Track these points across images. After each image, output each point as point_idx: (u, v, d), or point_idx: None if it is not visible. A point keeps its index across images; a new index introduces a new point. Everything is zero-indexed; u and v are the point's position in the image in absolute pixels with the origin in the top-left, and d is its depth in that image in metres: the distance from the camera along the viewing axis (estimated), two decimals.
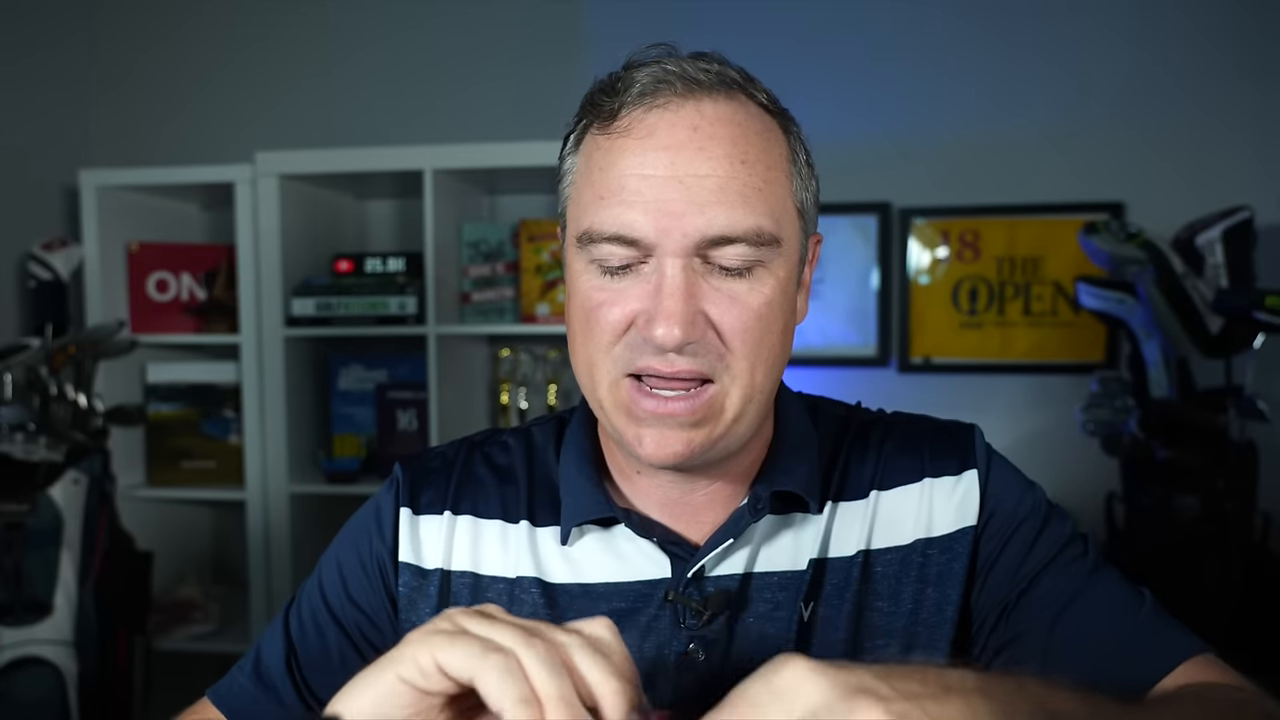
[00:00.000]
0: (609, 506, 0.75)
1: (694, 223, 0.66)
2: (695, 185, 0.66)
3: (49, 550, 1.74)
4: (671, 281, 0.66)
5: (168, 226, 2.54)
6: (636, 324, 0.68)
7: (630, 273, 0.68)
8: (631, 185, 0.67)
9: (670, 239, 0.66)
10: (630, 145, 0.68)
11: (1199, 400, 1.98)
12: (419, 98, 2.59)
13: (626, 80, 0.69)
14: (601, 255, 0.68)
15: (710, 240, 0.66)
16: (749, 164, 0.68)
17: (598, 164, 0.69)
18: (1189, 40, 2.32)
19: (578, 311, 0.71)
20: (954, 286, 2.45)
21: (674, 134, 0.67)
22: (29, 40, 2.49)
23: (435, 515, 0.81)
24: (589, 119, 0.72)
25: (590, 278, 0.70)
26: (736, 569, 0.75)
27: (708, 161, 0.66)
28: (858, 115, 2.44)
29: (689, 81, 0.68)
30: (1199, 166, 2.32)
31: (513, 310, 2.34)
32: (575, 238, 0.70)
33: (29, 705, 1.69)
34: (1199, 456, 1.89)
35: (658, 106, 0.68)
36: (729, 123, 0.68)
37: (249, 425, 2.30)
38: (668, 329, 0.65)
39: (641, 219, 0.66)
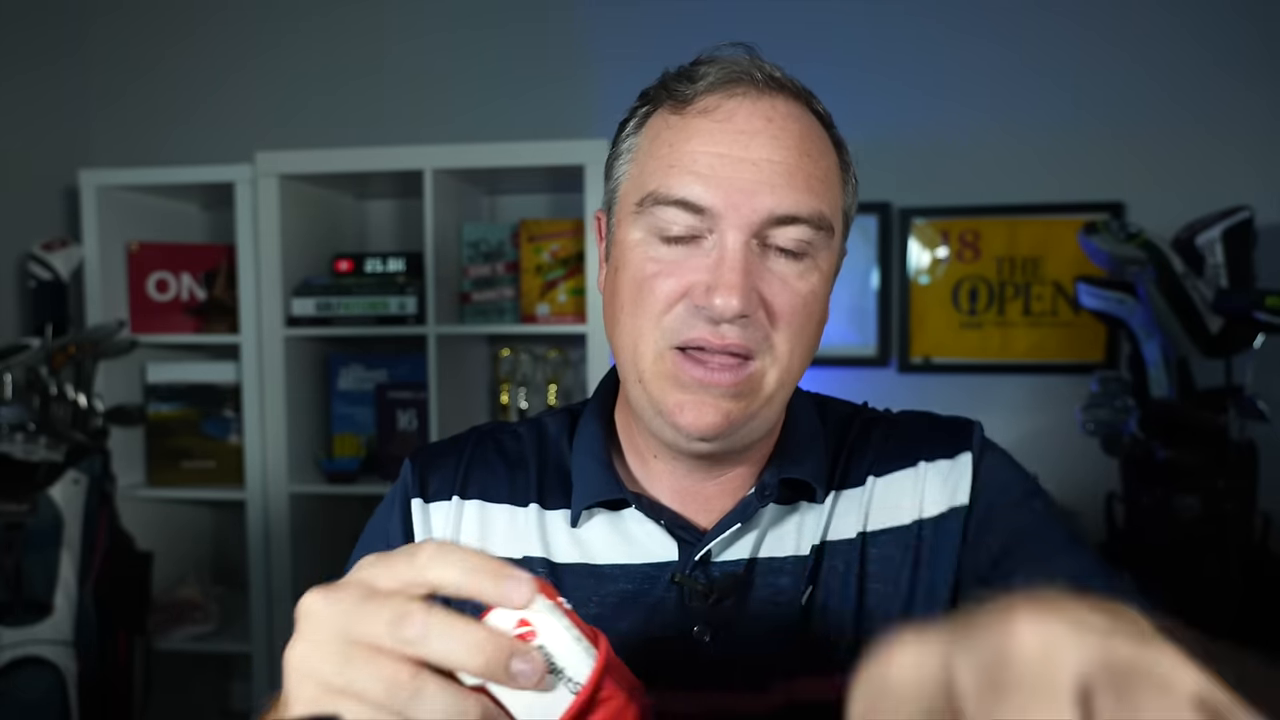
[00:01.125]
0: (619, 488, 0.77)
1: (763, 200, 0.69)
2: (767, 169, 0.69)
3: (49, 550, 1.74)
4: (733, 254, 0.68)
5: (168, 226, 2.54)
6: (692, 295, 0.69)
7: (689, 244, 0.70)
8: (704, 160, 0.69)
9: (738, 213, 0.68)
10: (707, 125, 0.71)
11: (1199, 400, 1.98)
12: (419, 98, 2.59)
13: (704, 70, 0.73)
14: (663, 221, 0.70)
15: (776, 218, 0.69)
16: (813, 158, 0.72)
17: (667, 140, 0.72)
18: (1189, 41, 2.32)
19: (628, 282, 0.72)
20: (954, 286, 2.45)
21: (751, 121, 0.70)
22: (29, 41, 2.49)
23: (444, 501, 0.82)
24: (657, 104, 0.75)
25: (646, 247, 0.71)
26: (742, 554, 0.76)
27: (779, 149, 0.70)
28: (857, 115, 2.43)
29: (766, 78, 0.73)
30: (1199, 166, 2.32)
31: (513, 310, 2.34)
32: (636, 202, 0.72)
33: (29, 705, 1.69)
34: (1199, 456, 1.89)
35: (737, 94, 0.71)
36: (798, 120, 0.73)
37: (249, 425, 2.30)
38: (726, 299, 0.67)
39: (712, 191, 0.69)
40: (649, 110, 0.76)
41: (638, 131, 0.76)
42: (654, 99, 0.76)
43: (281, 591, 2.29)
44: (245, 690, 2.54)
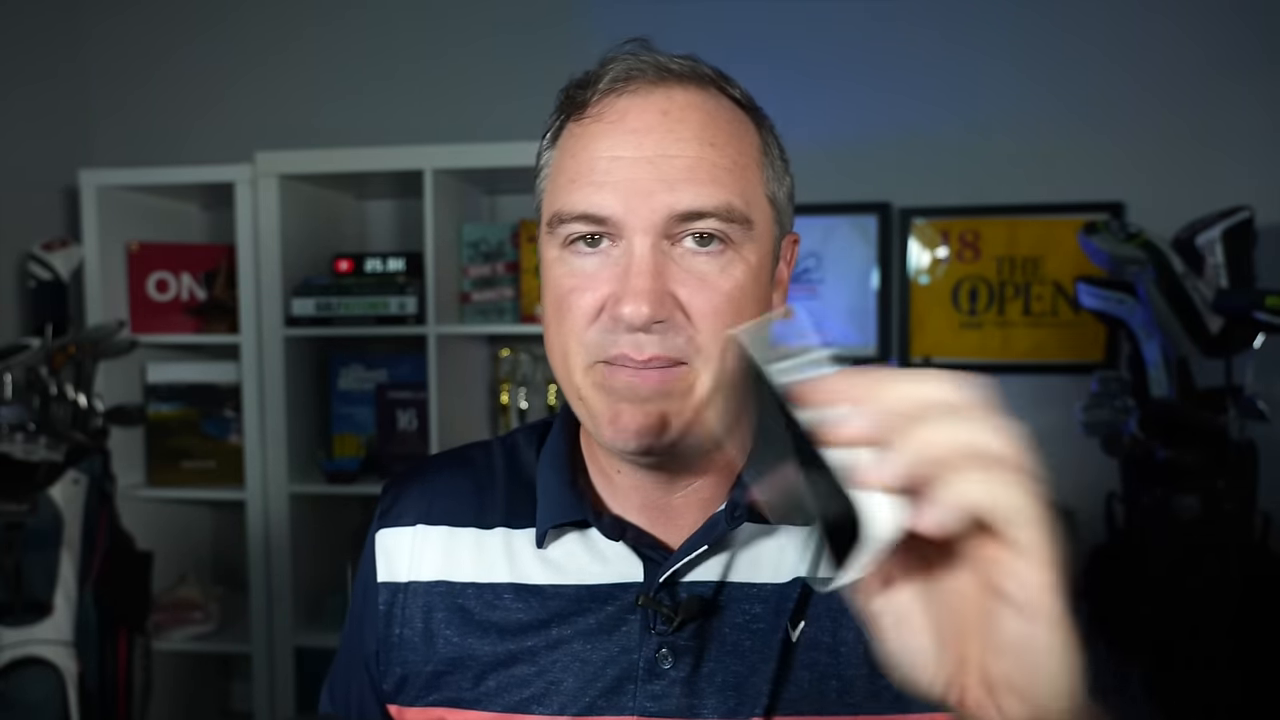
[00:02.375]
0: (580, 509, 0.75)
1: (663, 199, 0.66)
2: (664, 165, 0.67)
3: (49, 550, 1.74)
4: (640, 260, 0.66)
5: (168, 226, 2.54)
6: (606, 306, 0.68)
7: (599, 254, 0.69)
8: (601, 166, 0.68)
9: (638, 216, 0.66)
10: (601, 129, 0.69)
11: (1199, 400, 1.98)
12: (419, 98, 2.59)
13: (600, 72, 0.71)
14: (571, 234, 0.69)
15: (679, 215, 0.67)
16: (718, 147, 0.69)
17: (570, 150, 0.71)
18: (1189, 41, 2.32)
19: (550, 299, 0.71)
20: (954, 286, 2.45)
21: (644, 117, 0.68)
22: (30, 41, 2.49)
23: (408, 527, 0.81)
24: (564, 113, 0.73)
25: (561, 264, 0.70)
26: (711, 576, 0.73)
27: (677, 143, 0.67)
28: (858, 116, 2.44)
29: (660, 70, 0.70)
30: (1199, 166, 2.32)
31: (513, 310, 2.34)
32: (546, 223, 0.71)
33: (29, 705, 1.69)
34: (1199, 456, 1.89)
35: (629, 92, 0.69)
36: (698, 109, 0.69)
37: (249, 425, 2.30)
38: (635, 307, 0.65)
39: (610, 198, 0.67)
40: (561, 122, 0.74)
41: (552, 145, 0.74)
42: (561, 109, 0.74)
43: (281, 591, 2.29)
44: (245, 690, 2.54)
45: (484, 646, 0.76)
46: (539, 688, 0.74)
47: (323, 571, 2.39)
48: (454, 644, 0.76)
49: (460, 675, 0.76)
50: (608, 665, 0.73)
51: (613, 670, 0.72)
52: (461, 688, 0.76)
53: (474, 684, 0.75)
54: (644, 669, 0.72)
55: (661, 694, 0.71)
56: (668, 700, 0.71)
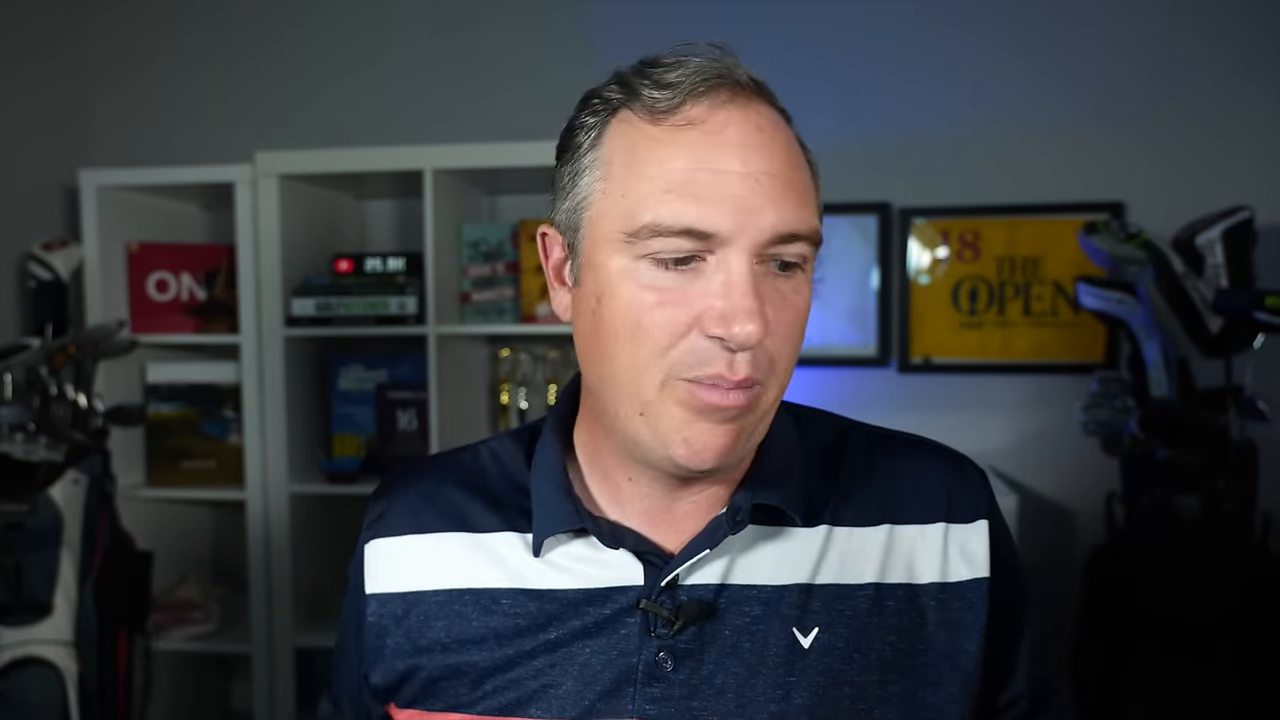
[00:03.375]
0: (577, 517, 0.74)
1: (769, 218, 0.64)
2: (767, 183, 0.65)
3: (49, 550, 1.74)
4: (743, 278, 0.64)
5: (168, 226, 2.54)
6: (703, 324, 0.64)
7: (689, 270, 0.65)
8: (704, 179, 0.64)
9: (745, 234, 0.64)
10: (697, 138, 0.65)
11: (1199, 400, 1.98)
12: (419, 98, 2.59)
13: (674, 74, 0.67)
14: (663, 249, 0.64)
15: (781, 236, 0.65)
16: (799, 169, 0.69)
17: (652, 157, 0.66)
18: (1189, 40, 2.33)
19: (621, 313, 0.66)
20: (954, 286, 2.45)
21: (744, 132, 0.66)
22: (29, 40, 2.49)
23: (398, 537, 0.80)
24: (617, 109, 0.69)
25: (639, 276, 0.65)
26: (712, 579, 0.73)
27: (774, 161, 0.66)
28: (858, 116, 2.44)
29: (749, 84, 0.68)
30: (1199, 166, 2.32)
31: (513, 310, 2.34)
32: (625, 233, 0.65)
33: (29, 705, 1.69)
34: (1199, 456, 1.89)
35: (725, 104, 0.66)
36: (782, 129, 0.69)
37: (249, 425, 2.30)
38: (745, 327, 0.63)
39: (719, 214, 0.63)
40: (606, 116, 0.69)
41: (600, 143, 0.69)
42: (610, 104, 0.69)
43: (281, 591, 2.29)
44: (245, 690, 2.54)
45: (482, 651, 0.75)
46: (537, 691, 0.73)
47: (323, 571, 2.39)
48: (451, 650, 0.76)
49: (458, 681, 0.76)
50: (606, 668, 0.72)
51: (611, 673, 0.72)
52: (459, 693, 0.75)
53: (471, 689, 0.75)
54: (644, 672, 0.72)
55: (661, 697, 0.71)
56: (667, 704, 0.71)
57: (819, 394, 2.41)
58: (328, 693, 0.91)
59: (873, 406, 2.40)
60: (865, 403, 2.43)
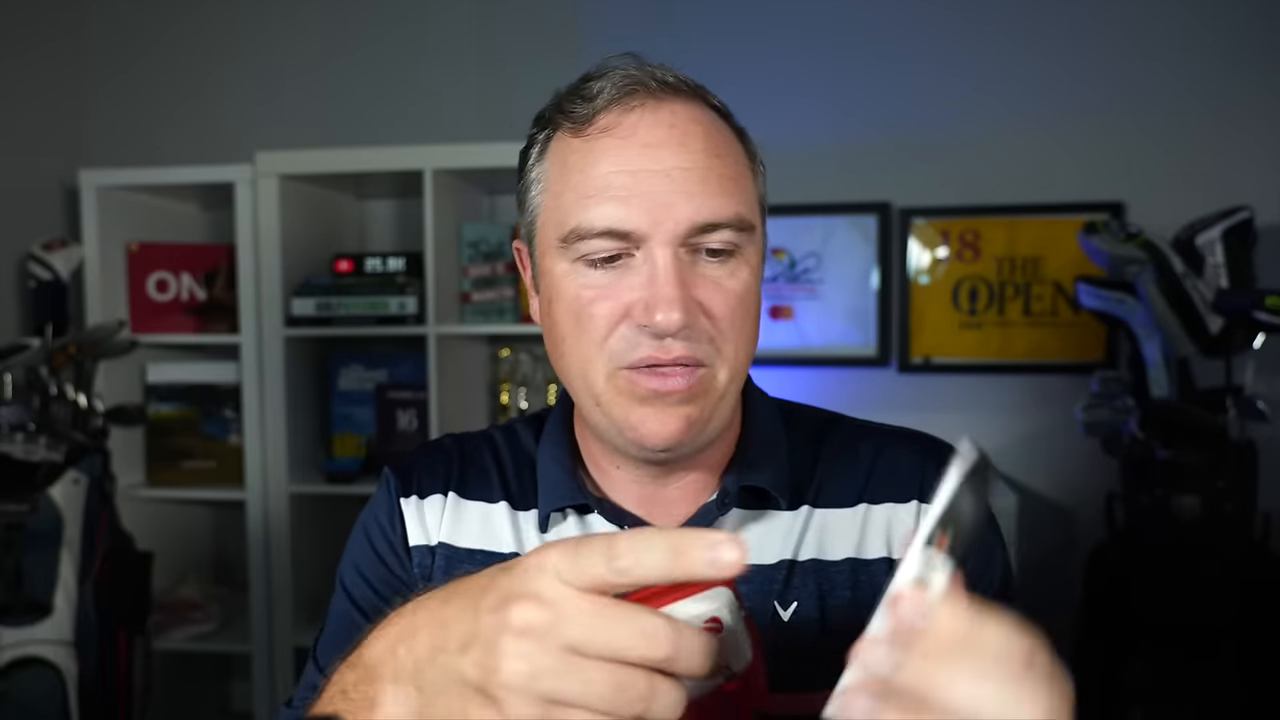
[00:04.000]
0: (582, 494, 0.78)
1: (683, 211, 0.69)
2: (680, 177, 0.69)
3: (49, 550, 1.74)
4: (665, 270, 0.69)
5: (168, 226, 2.54)
6: (632, 315, 0.70)
7: (618, 266, 0.71)
8: (619, 181, 0.69)
9: (662, 229, 0.69)
10: (612, 144, 0.70)
11: (1199, 400, 1.98)
12: (419, 98, 2.59)
13: (596, 86, 0.72)
14: (590, 250, 0.70)
15: (699, 227, 0.69)
16: (722, 158, 0.72)
17: (575, 166, 0.72)
18: (1189, 39, 2.32)
19: (565, 311, 0.73)
20: (954, 286, 2.45)
21: (655, 132, 0.70)
22: (29, 40, 2.49)
23: (430, 497, 0.84)
24: (554, 126, 0.75)
25: (576, 277, 0.72)
26: None
27: (688, 155, 0.70)
28: (858, 115, 2.44)
29: (661, 84, 0.72)
30: (1199, 166, 2.32)
31: (513, 310, 2.34)
32: (559, 239, 0.72)
33: (29, 705, 1.69)
34: (1199, 456, 1.89)
35: (636, 107, 0.71)
36: (699, 121, 0.72)
37: (249, 425, 2.30)
38: (667, 314, 0.67)
39: (632, 212, 0.69)
40: (548, 135, 0.76)
41: (542, 159, 0.76)
42: (551, 122, 0.76)
43: (281, 591, 2.29)
44: (245, 690, 2.54)
45: None
46: None
47: (323, 571, 2.39)
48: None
49: None
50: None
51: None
52: None
53: None
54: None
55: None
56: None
57: (819, 394, 2.41)
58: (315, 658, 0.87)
59: (873, 406, 2.39)
60: (865, 403, 2.43)
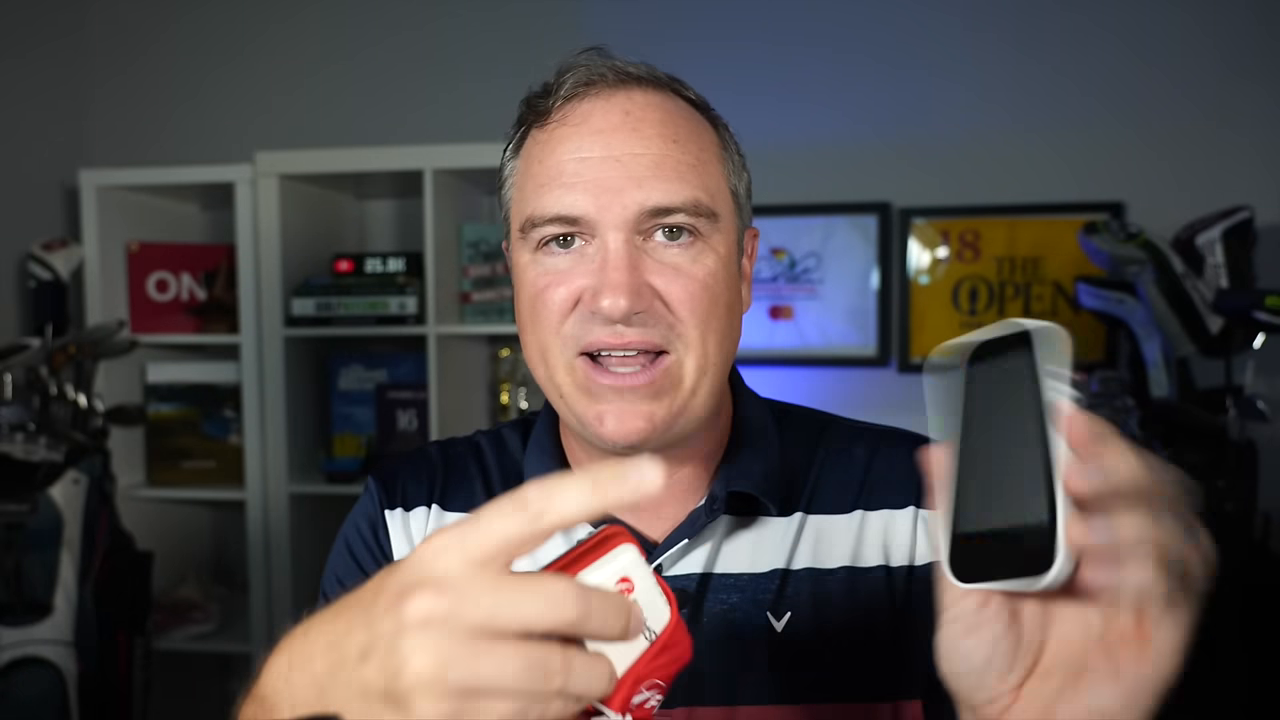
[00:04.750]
0: None
1: (633, 196, 0.68)
2: (631, 162, 0.69)
3: (49, 550, 1.74)
4: (615, 254, 0.68)
5: (168, 226, 2.54)
6: (583, 300, 0.70)
7: (573, 253, 0.71)
8: (570, 169, 0.70)
9: (610, 213, 0.68)
10: (566, 133, 0.71)
11: (1199, 400, 1.98)
12: (419, 98, 2.59)
13: (559, 80, 0.73)
14: (542, 237, 0.71)
15: (649, 211, 0.69)
16: (680, 143, 0.71)
17: (535, 156, 0.73)
18: (1189, 40, 2.32)
19: (524, 300, 0.74)
20: (954, 286, 2.45)
21: (608, 118, 0.70)
22: (28, 40, 2.49)
23: (415, 509, 0.83)
24: (526, 123, 0.76)
25: (534, 266, 0.72)
26: (694, 568, 0.75)
27: (641, 141, 0.70)
28: (858, 115, 2.44)
29: (619, 73, 0.72)
30: (1199, 166, 2.32)
31: (513, 310, 2.34)
32: (519, 228, 0.73)
33: (29, 705, 1.69)
34: (1199, 456, 1.88)
35: (590, 95, 0.71)
36: (658, 108, 0.72)
37: (249, 425, 2.30)
38: (614, 299, 0.67)
39: (582, 198, 0.69)
40: (523, 131, 0.76)
41: (515, 155, 0.77)
42: (523, 118, 0.77)
43: (281, 591, 2.29)
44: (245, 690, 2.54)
45: None
46: None
47: (323, 571, 2.39)
48: None
49: None
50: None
51: None
52: None
53: None
54: None
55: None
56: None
57: (819, 394, 2.41)
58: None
59: (873, 406, 2.39)
60: (865, 403, 2.43)
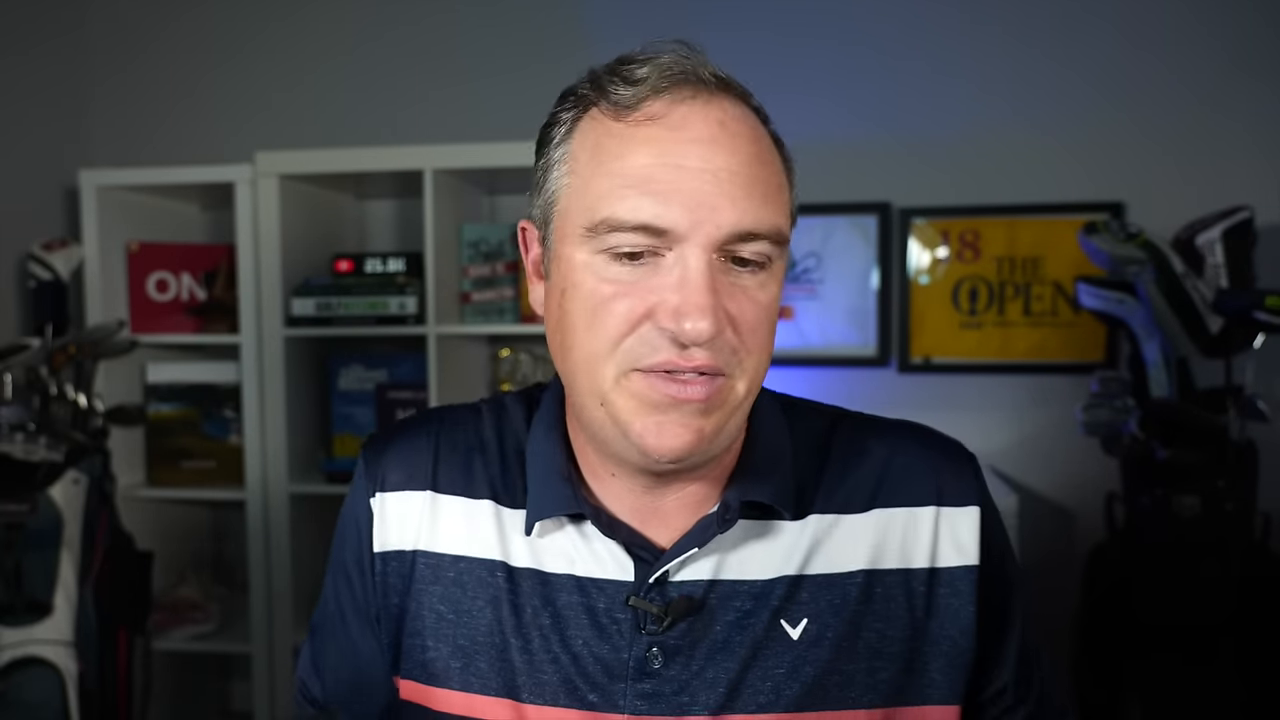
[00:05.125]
0: (577, 503, 0.73)
1: (727, 216, 0.64)
2: (727, 180, 0.65)
3: (49, 550, 1.74)
4: (699, 274, 0.64)
5: (168, 226, 2.54)
6: (656, 317, 0.65)
7: (645, 264, 0.66)
8: (662, 175, 0.65)
9: (702, 231, 0.64)
10: (658, 134, 0.66)
11: (1199, 400, 1.98)
12: (419, 98, 2.59)
13: (642, 70, 0.67)
14: (620, 243, 0.65)
15: (739, 234, 0.65)
16: (766, 166, 0.68)
17: (613, 152, 0.66)
18: (1189, 39, 2.32)
19: (580, 304, 0.67)
20: (954, 286, 2.45)
21: (706, 128, 0.66)
22: (28, 39, 2.49)
23: (403, 492, 0.80)
24: (586, 106, 0.70)
25: (598, 269, 0.66)
26: (702, 575, 0.73)
27: (735, 158, 0.66)
28: (858, 115, 2.44)
29: (714, 78, 0.68)
30: (1199, 166, 2.32)
31: (513, 310, 2.34)
32: (585, 227, 0.67)
33: (29, 705, 1.68)
34: (1199, 456, 1.89)
35: (687, 99, 0.66)
36: (747, 124, 0.68)
37: (249, 425, 2.30)
38: (696, 323, 0.63)
39: (674, 210, 0.64)
40: (578, 113, 0.70)
41: (569, 139, 0.70)
42: (583, 100, 0.70)
43: (281, 591, 2.29)
44: (245, 690, 2.54)
45: (478, 626, 0.75)
46: (529, 677, 0.74)
47: (322, 571, 2.38)
48: (447, 620, 0.76)
49: (451, 653, 0.76)
50: (598, 662, 0.73)
51: (603, 668, 0.73)
52: (450, 667, 0.76)
53: (464, 665, 0.75)
54: (634, 668, 0.72)
55: (652, 693, 0.72)
56: (659, 700, 0.71)
57: (819, 394, 2.39)
58: (310, 658, 0.88)
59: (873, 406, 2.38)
60: (865, 403, 2.42)
